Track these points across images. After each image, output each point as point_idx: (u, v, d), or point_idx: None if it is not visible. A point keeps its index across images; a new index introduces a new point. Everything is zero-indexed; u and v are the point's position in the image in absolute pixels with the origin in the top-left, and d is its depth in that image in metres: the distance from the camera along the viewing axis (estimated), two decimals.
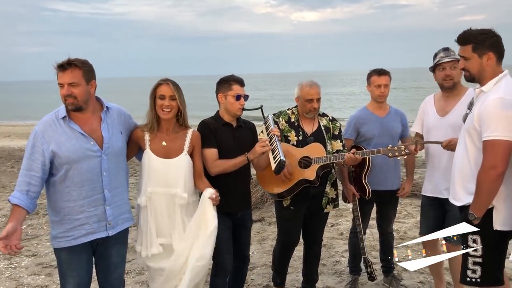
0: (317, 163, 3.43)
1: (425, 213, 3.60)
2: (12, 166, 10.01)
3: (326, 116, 3.69)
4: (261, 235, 5.47)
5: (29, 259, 4.85)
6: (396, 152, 3.39)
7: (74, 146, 2.63)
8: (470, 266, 2.60)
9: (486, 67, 2.60)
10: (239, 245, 3.34)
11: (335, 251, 4.94)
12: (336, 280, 4.25)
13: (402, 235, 5.31)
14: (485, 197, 2.50)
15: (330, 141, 3.59)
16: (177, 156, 2.96)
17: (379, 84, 3.75)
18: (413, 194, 6.81)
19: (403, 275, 4.26)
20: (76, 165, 2.63)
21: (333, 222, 5.85)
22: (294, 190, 3.47)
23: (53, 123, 2.65)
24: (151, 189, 2.93)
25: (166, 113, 2.90)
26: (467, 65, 2.65)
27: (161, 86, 2.92)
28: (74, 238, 2.68)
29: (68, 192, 2.65)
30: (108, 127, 2.76)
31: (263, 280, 4.28)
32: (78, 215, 2.67)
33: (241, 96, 3.19)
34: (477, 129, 2.55)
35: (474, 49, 2.59)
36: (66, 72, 2.60)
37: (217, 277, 3.28)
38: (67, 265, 2.74)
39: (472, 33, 2.62)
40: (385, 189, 3.83)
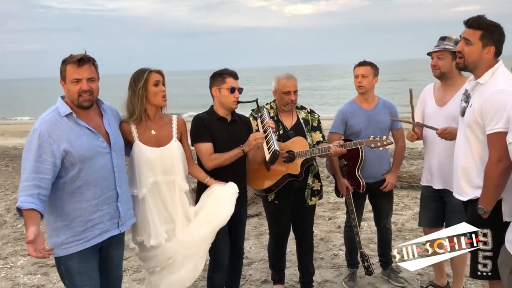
0: (301, 157, 3.42)
1: (425, 204, 3.58)
2: (6, 165, 9.94)
3: (304, 108, 3.68)
4: (258, 230, 5.46)
5: (25, 259, 4.81)
6: (378, 142, 3.42)
7: (86, 143, 2.53)
8: (481, 260, 2.58)
9: (483, 59, 2.57)
10: (234, 239, 3.34)
11: (332, 244, 4.93)
12: (335, 273, 4.24)
13: (400, 227, 5.30)
14: (494, 190, 2.46)
15: (309, 133, 3.59)
16: (168, 143, 2.95)
17: (357, 75, 3.74)
18: (410, 185, 6.83)
19: (401, 267, 4.24)
20: (90, 163, 2.53)
21: (330, 215, 5.84)
22: (280, 184, 3.47)
23: (57, 121, 2.50)
24: (152, 179, 2.90)
25: (165, 100, 2.93)
26: (466, 49, 2.60)
27: (153, 73, 2.89)
28: (87, 240, 2.56)
29: (81, 192, 2.53)
30: (109, 123, 2.71)
31: (261, 275, 4.26)
32: (91, 215, 2.57)
33: (235, 88, 3.16)
34: (479, 123, 2.52)
35: (482, 37, 2.55)
36: (84, 67, 2.51)
37: (214, 273, 3.26)
38: (79, 275, 2.58)
39: (486, 21, 2.57)
40: (374, 180, 3.81)
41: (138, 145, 2.90)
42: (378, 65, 3.86)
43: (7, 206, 6.81)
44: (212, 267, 3.28)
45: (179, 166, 2.97)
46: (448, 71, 3.29)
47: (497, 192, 2.46)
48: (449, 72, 3.29)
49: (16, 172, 9.20)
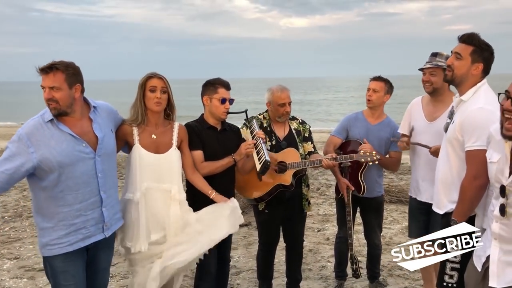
0: (292, 168, 3.47)
1: (414, 216, 3.61)
2: None
3: (296, 119, 3.74)
4: (247, 240, 5.46)
5: (11, 262, 4.77)
6: (368, 157, 3.51)
7: (66, 150, 2.54)
8: (448, 271, 2.64)
9: (470, 75, 2.64)
10: (221, 247, 3.32)
11: (321, 256, 4.95)
12: (322, 285, 4.25)
13: (388, 241, 5.34)
14: (468, 205, 2.52)
15: (301, 143, 3.66)
16: (167, 151, 2.96)
17: (369, 88, 3.80)
18: (398, 200, 6.87)
19: (388, 280, 4.28)
20: (70, 169, 2.54)
21: (319, 227, 5.86)
22: (271, 194, 3.52)
23: (40, 126, 2.53)
24: (146, 184, 2.90)
25: (158, 105, 2.90)
26: (456, 63, 2.67)
27: (152, 78, 2.91)
28: (70, 244, 2.59)
29: (63, 196, 2.56)
30: (100, 127, 2.70)
31: (249, 284, 4.27)
32: (74, 220, 2.59)
33: (226, 99, 3.19)
34: (459, 139, 2.58)
35: (472, 53, 2.63)
36: (48, 76, 2.52)
37: (201, 280, 3.27)
38: (63, 274, 2.60)
39: (478, 38, 2.65)
40: (368, 196, 3.83)
41: (137, 148, 2.90)
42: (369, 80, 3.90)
43: None
44: (198, 275, 3.29)
45: (177, 175, 2.97)
46: (440, 87, 3.35)
47: (471, 206, 2.52)
48: (440, 88, 3.36)
49: None
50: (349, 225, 3.81)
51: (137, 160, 2.90)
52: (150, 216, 2.93)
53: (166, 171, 2.94)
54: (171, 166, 2.95)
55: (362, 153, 3.53)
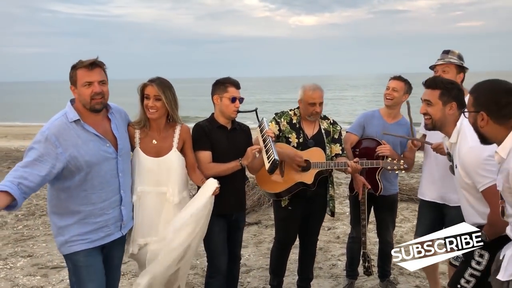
0: (316, 168, 3.46)
1: (423, 214, 3.60)
2: (8, 167, 9.96)
3: (327, 119, 3.71)
4: (257, 238, 5.47)
5: (25, 260, 4.83)
6: (395, 166, 3.50)
7: (93, 150, 2.57)
8: (466, 276, 2.61)
9: (447, 116, 2.65)
10: (231, 245, 3.36)
11: (331, 254, 4.95)
12: (333, 283, 4.25)
13: (399, 239, 5.32)
14: (499, 231, 2.49)
15: (329, 144, 3.62)
16: (167, 154, 2.97)
17: (388, 87, 3.77)
18: (409, 198, 6.85)
19: (399, 279, 4.27)
20: (96, 168, 2.57)
21: (329, 225, 5.86)
22: (291, 191, 3.52)
23: (66, 126, 2.53)
24: (141, 188, 2.93)
25: (152, 113, 2.90)
26: (429, 109, 2.69)
27: (147, 86, 2.92)
28: (91, 241, 2.62)
29: (86, 196, 2.58)
30: (117, 127, 2.75)
31: (259, 283, 4.28)
32: (97, 218, 2.62)
33: (236, 98, 3.19)
34: (469, 184, 2.57)
35: (441, 96, 2.65)
36: (94, 71, 2.56)
37: (212, 278, 3.28)
38: (86, 269, 2.62)
39: (442, 80, 2.73)
40: (383, 194, 3.82)
41: (137, 151, 2.93)
42: (381, 78, 3.91)
43: None
44: (209, 273, 3.30)
45: (175, 177, 2.97)
46: None
47: (501, 232, 2.47)
48: None
49: None
50: (363, 223, 3.80)
51: (136, 163, 2.93)
52: (142, 219, 2.95)
53: (165, 174, 2.95)
54: (169, 169, 2.96)
55: (389, 160, 3.51)
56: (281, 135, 3.56)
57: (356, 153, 3.79)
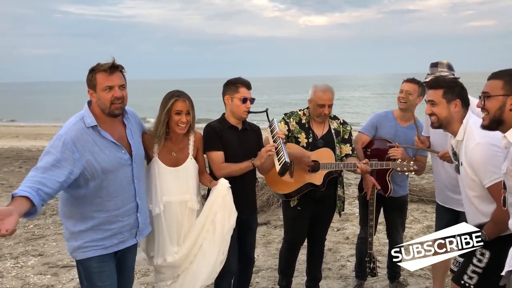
0: (325, 169, 3.45)
1: (440, 215, 3.59)
2: (20, 166, 10.07)
3: (337, 119, 3.69)
4: (266, 238, 5.47)
5: (36, 259, 4.87)
6: (404, 167, 3.47)
7: (109, 157, 2.52)
8: (469, 272, 2.64)
9: (453, 114, 2.66)
10: (244, 247, 3.36)
11: (340, 255, 4.93)
12: (342, 284, 4.24)
13: (409, 240, 5.27)
14: (501, 230, 2.50)
15: (339, 144, 3.61)
16: (184, 162, 2.99)
17: (402, 90, 3.73)
18: (420, 199, 6.80)
19: (408, 280, 4.24)
20: (112, 175, 2.53)
21: (339, 226, 5.83)
22: (301, 192, 3.51)
23: (84, 131, 2.47)
24: (166, 198, 2.94)
25: (182, 129, 2.90)
26: (434, 109, 2.69)
27: (178, 102, 2.88)
28: (105, 248, 2.59)
29: (101, 202, 2.54)
30: (132, 133, 2.70)
31: (268, 283, 4.27)
32: (111, 225, 2.58)
33: (247, 99, 3.19)
34: (475, 180, 2.57)
35: (444, 94, 2.65)
36: (115, 74, 2.50)
37: (222, 279, 3.27)
38: (98, 275, 2.59)
39: (444, 79, 2.74)
40: (393, 195, 3.80)
41: (156, 162, 2.93)
42: (391, 78, 3.89)
43: None
44: (220, 274, 3.30)
45: (193, 184, 3.02)
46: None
47: (503, 231, 2.50)
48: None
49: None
50: (371, 223, 3.78)
51: (156, 173, 2.93)
52: (170, 229, 2.97)
53: (184, 182, 2.98)
54: (188, 177, 3.00)
55: (399, 161, 3.49)
56: (291, 135, 3.55)
57: (368, 153, 3.77)
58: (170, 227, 2.97)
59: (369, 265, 3.86)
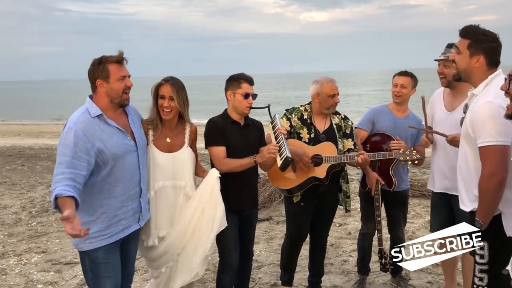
0: (328, 162, 3.46)
1: (436, 210, 3.59)
2: (22, 164, 10.11)
3: (338, 114, 3.70)
4: (268, 234, 5.48)
5: (39, 256, 4.90)
6: (407, 156, 3.47)
7: (117, 142, 2.62)
8: (477, 274, 2.54)
9: (473, 68, 2.53)
10: (244, 241, 3.38)
11: (342, 250, 4.94)
12: (344, 279, 4.25)
13: (411, 235, 5.29)
14: (489, 204, 2.42)
15: (341, 139, 3.61)
16: (179, 150, 3.02)
17: (396, 84, 3.75)
18: (421, 194, 6.80)
19: (411, 275, 4.24)
20: (120, 161, 2.63)
21: (341, 221, 5.84)
22: (304, 187, 3.51)
23: (90, 121, 2.56)
24: (160, 183, 2.98)
25: (167, 113, 2.95)
26: (457, 58, 2.59)
27: (162, 86, 2.96)
28: (111, 236, 2.65)
29: (110, 189, 2.62)
30: (133, 121, 2.80)
31: (271, 278, 4.29)
32: (117, 211, 2.65)
33: (249, 94, 3.19)
34: (471, 136, 2.48)
35: (469, 46, 2.52)
36: (123, 66, 2.66)
37: (223, 274, 3.30)
38: (104, 266, 2.64)
39: (474, 30, 2.53)
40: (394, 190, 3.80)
41: (151, 148, 2.97)
42: (393, 73, 3.87)
43: (22, 204, 6.94)
44: (221, 268, 3.33)
45: (189, 172, 3.05)
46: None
47: (493, 206, 2.42)
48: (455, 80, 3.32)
49: (31, 171, 9.36)
50: (378, 219, 3.78)
51: (151, 160, 2.96)
52: (162, 212, 3.00)
53: (180, 169, 3.01)
54: (184, 164, 3.03)
55: (402, 151, 3.48)
56: (293, 131, 3.56)
57: (367, 148, 3.77)
58: (159, 212, 3.00)
59: (380, 260, 3.87)
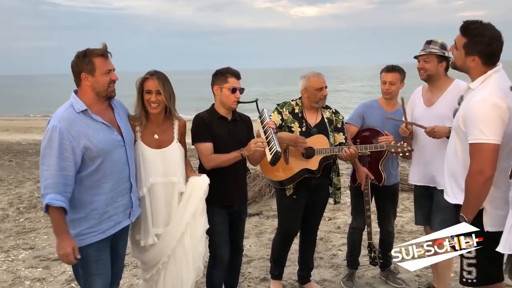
0: (320, 154, 3.47)
1: (419, 202, 3.64)
2: (10, 160, 10.00)
3: (329, 108, 3.71)
4: (258, 229, 5.48)
5: (27, 252, 4.86)
6: (398, 148, 3.47)
7: (104, 138, 2.58)
8: (466, 268, 2.58)
9: (469, 67, 2.54)
10: (234, 236, 3.37)
11: (332, 244, 4.96)
12: (333, 273, 4.27)
13: (400, 229, 5.32)
14: (475, 201, 2.45)
15: (333, 133, 3.62)
16: (169, 145, 2.99)
17: (385, 81, 3.76)
18: (410, 188, 6.82)
19: (399, 268, 4.27)
20: (108, 157, 2.59)
21: (330, 216, 5.86)
22: (296, 179, 3.51)
23: (75, 117, 2.52)
24: (152, 179, 2.94)
25: (154, 108, 2.91)
26: (454, 53, 2.60)
27: (148, 80, 2.91)
28: (103, 232, 2.62)
29: (99, 185, 2.59)
30: (120, 116, 2.76)
31: (261, 273, 4.29)
32: (107, 207, 2.62)
33: (236, 89, 3.17)
34: (462, 130, 2.50)
35: (465, 46, 2.51)
36: (109, 59, 2.64)
37: (214, 269, 3.30)
38: (95, 264, 2.63)
39: (473, 29, 2.48)
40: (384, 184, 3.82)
41: (140, 145, 2.93)
42: (381, 68, 3.88)
43: (10, 200, 6.87)
44: (211, 263, 3.32)
45: (179, 167, 3.02)
46: (434, 74, 3.35)
47: (478, 202, 2.45)
48: (435, 75, 3.36)
49: (19, 167, 9.27)
50: (368, 214, 3.80)
51: (140, 157, 2.93)
52: (155, 210, 2.98)
53: (171, 165, 2.98)
54: (174, 160, 2.99)
55: (393, 143, 3.49)
56: (284, 125, 3.55)
57: (357, 143, 3.78)
58: (155, 209, 2.97)
59: (370, 254, 3.90)
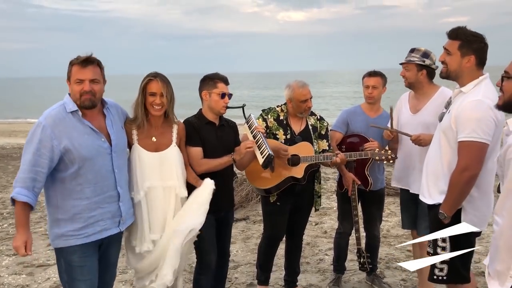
0: (305, 162, 3.49)
1: (405, 207, 3.69)
2: None
3: (314, 115, 3.73)
4: (245, 234, 5.48)
5: (10, 259, 4.78)
6: (383, 156, 3.52)
7: (87, 142, 2.56)
8: (438, 265, 2.65)
9: (463, 68, 2.64)
10: (221, 242, 3.37)
11: (318, 249, 4.98)
12: (320, 278, 4.28)
13: (385, 233, 5.36)
14: (457, 197, 2.53)
15: (317, 140, 3.64)
16: (166, 149, 2.97)
17: (367, 85, 3.79)
18: (396, 193, 6.87)
19: (385, 273, 4.31)
20: (90, 162, 2.56)
21: (317, 220, 5.89)
22: (281, 187, 3.52)
23: (62, 116, 2.54)
24: (149, 183, 2.91)
25: (158, 110, 2.89)
26: (447, 59, 2.68)
27: (152, 82, 2.88)
28: (87, 236, 2.60)
29: (81, 189, 2.57)
30: (112, 123, 2.73)
31: (247, 278, 4.29)
32: (91, 212, 2.61)
33: (225, 94, 3.18)
34: (453, 130, 2.58)
35: (460, 47, 2.62)
36: (88, 68, 2.56)
37: (201, 275, 3.28)
38: (80, 269, 2.61)
39: (464, 31, 2.65)
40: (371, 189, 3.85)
41: (137, 148, 2.91)
42: None
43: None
44: (198, 269, 3.30)
45: (177, 171, 2.98)
46: (415, 82, 3.41)
47: (459, 199, 2.53)
48: (415, 83, 3.41)
49: (3, 171, 9.14)
50: (356, 219, 3.83)
51: (136, 160, 2.90)
52: (153, 215, 2.95)
53: (168, 168, 2.95)
54: (172, 163, 2.96)
55: (377, 151, 3.53)
56: (269, 132, 3.56)
57: (343, 149, 3.81)
58: (152, 214, 2.94)
59: (359, 260, 3.92)
